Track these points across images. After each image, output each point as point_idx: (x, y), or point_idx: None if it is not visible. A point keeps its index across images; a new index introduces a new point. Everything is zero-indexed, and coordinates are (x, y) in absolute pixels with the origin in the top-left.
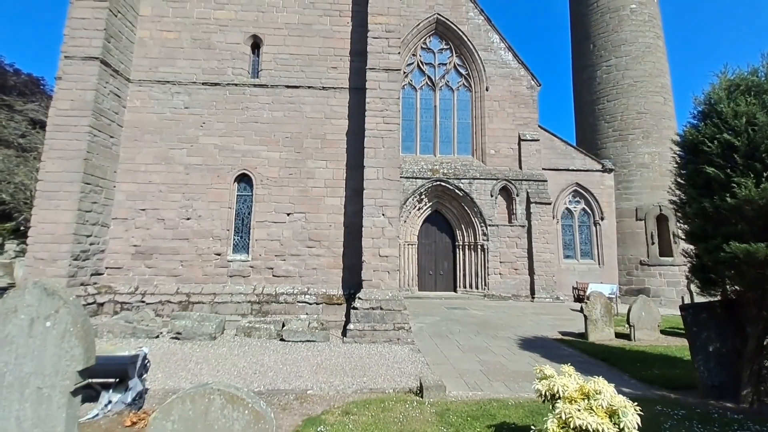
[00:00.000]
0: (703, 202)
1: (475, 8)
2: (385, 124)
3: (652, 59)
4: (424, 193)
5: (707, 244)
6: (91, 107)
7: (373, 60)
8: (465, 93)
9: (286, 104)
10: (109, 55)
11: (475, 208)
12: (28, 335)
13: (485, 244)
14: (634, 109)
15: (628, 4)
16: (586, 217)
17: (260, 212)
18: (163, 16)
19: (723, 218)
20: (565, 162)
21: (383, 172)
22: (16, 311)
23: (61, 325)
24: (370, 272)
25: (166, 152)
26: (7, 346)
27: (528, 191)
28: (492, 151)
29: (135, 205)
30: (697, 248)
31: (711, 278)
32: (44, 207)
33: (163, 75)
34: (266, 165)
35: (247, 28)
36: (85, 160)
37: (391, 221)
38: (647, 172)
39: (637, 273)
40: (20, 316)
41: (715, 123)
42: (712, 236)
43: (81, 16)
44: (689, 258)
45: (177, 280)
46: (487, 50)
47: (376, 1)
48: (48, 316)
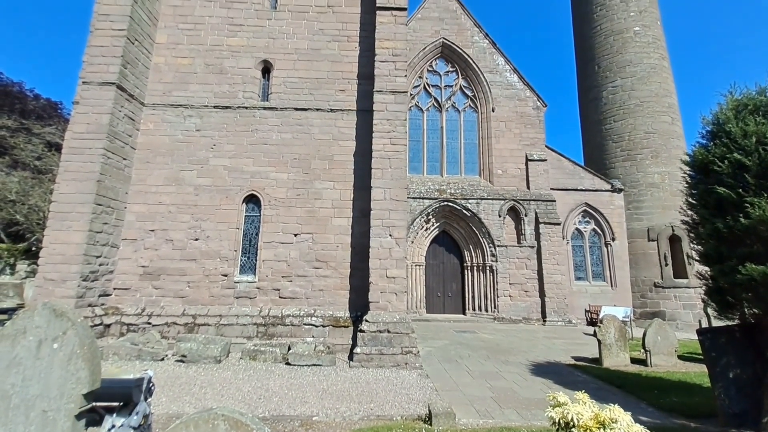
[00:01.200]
0: (716, 222)
1: (480, 32)
2: (392, 145)
3: (658, 80)
4: (432, 213)
5: (722, 265)
6: (106, 130)
7: (380, 83)
8: (471, 114)
9: (295, 126)
10: (125, 80)
11: (483, 228)
12: (36, 357)
13: (494, 265)
14: (641, 129)
15: (632, 26)
16: (596, 238)
17: (267, 233)
18: (178, 43)
19: (738, 239)
20: (573, 182)
21: (390, 193)
22: (25, 333)
23: (68, 347)
24: (378, 294)
25: (176, 174)
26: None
27: (536, 211)
28: (499, 171)
29: (144, 225)
30: (712, 270)
31: (728, 301)
32: (56, 228)
33: (177, 99)
34: (274, 186)
35: (258, 53)
36: (98, 182)
37: (399, 242)
38: (657, 192)
39: (652, 295)
40: (29, 338)
41: (724, 143)
42: (727, 258)
43: (100, 44)
44: (705, 280)
45: (183, 301)
46: (492, 72)
47: (382, 28)
48: (56, 338)
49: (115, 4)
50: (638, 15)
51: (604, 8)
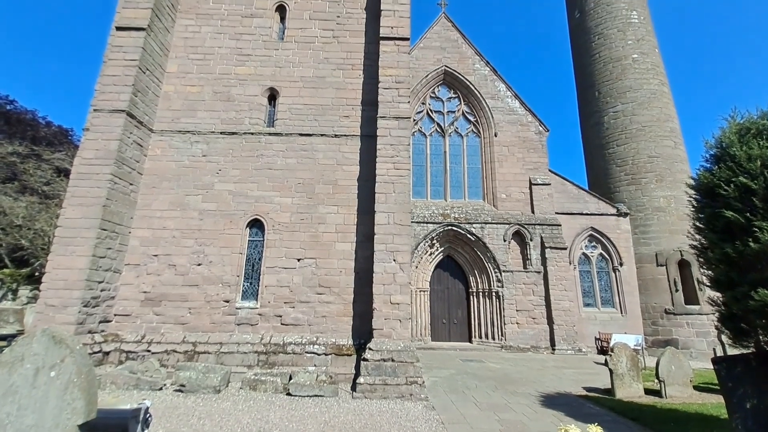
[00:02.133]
0: (725, 247)
1: (481, 60)
2: (395, 170)
3: (659, 105)
4: (436, 238)
5: (734, 291)
6: (114, 156)
7: (383, 109)
8: (474, 139)
9: (299, 151)
10: (135, 107)
11: (488, 253)
12: (32, 386)
13: (500, 291)
14: (644, 153)
15: (630, 54)
16: (604, 263)
17: (271, 257)
18: (188, 72)
19: (748, 264)
20: (578, 206)
21: (394, 217)
22: (23, 360)
23: (65, 376)
24: (381, 320)
25: (182, 198)
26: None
27: (542, 236)
28: (503, 196)
29: (148, 251)
30: (724, 296)
31: (742, 328)
32: (60, 253)
33: (184, 125)
34: (278, 210)
35: (264, 81)
36: (103, 207)
37: (403, 267)
38: (664, 216)
39: (663, 322)
40: (26, 366)
41: (729, 166)
42: (739, 283)
43: (112, 74)
44: (717, 306)
45: (184, 328)
46: (494, 98)
47: (386, 56)
48: (53, 366)
49: (128, 37)
50: (636, 43)
51: (602, 37)
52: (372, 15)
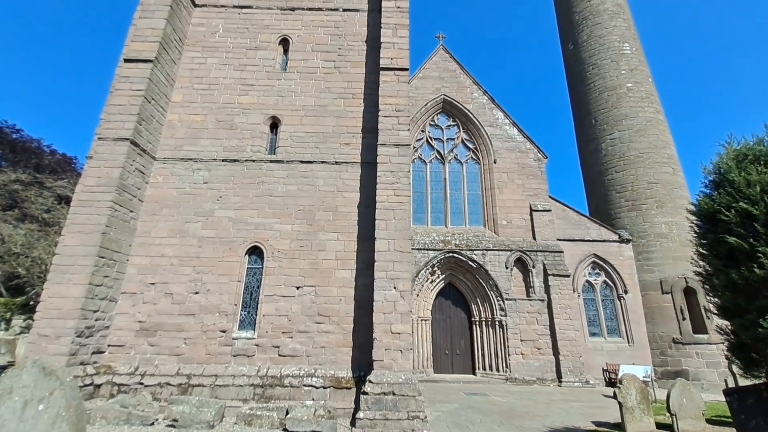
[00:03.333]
0: (730, 273)
1: (479, 89)
2: (396, 197)
3: (655, 132)
4: (437, 265)
5: (742, 319)
6: (116, 184)
7: (383, 136)
8: (474, 165)
9: (300, 178)
10: (139, 136)
11: (490, 280)
12: (20, 419)
13: (503, 320)
14: (644, 179)
15: (624, 83)
16: (608, 291)
17: (269, 285)
18: (193, 101)
19: (754, 291)
20: (579, 232)
21: (394, 244)
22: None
23: (53, 409)
24: (382, 351)
25: (181, 226)
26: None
27: (544, 263)
28: (504, 222)
29: (145, 279)
30: (732, 324)
31: (752, 358)
32: (57, 281)
33: (187, 153)
34: (278, 237)
35: (267, 110)
36: (103, 234)
37: (403, 295)
38: (666, 242)
39: (672, 352)
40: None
41: (728, 192)
42: (747, 310)
43: (118, 103)
44: (726, 335)
45: (179, 359)
46: (492, 126)
47: (386, 86)
48: (42, 399)
49: (136, 68)
50: (629, 73)
51: (596, 67)
52: (372, 47)
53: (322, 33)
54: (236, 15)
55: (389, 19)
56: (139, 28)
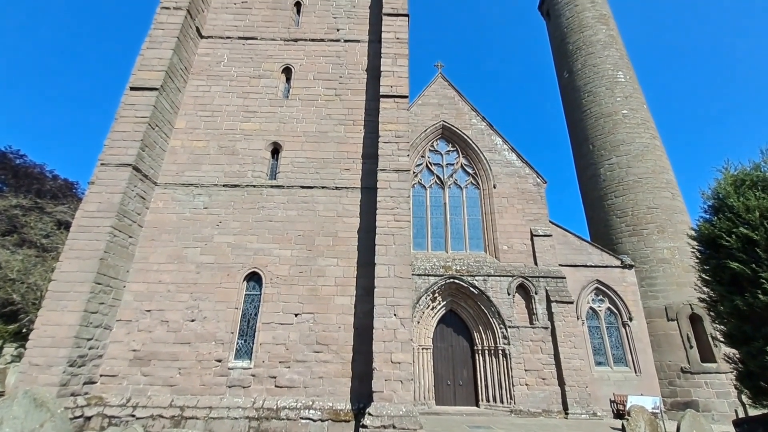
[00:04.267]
0: (734, 300)
1: (477, 116)
2: (395, 222)
3: (652, 157)
4: (438, 291)
5: (749, 347)
6: (116, 209)
7: (383, 162)
8: (473, 190)
9: (300, 203)
10: (142, 162)
11: (492, 307)
12: None
13: (506, 349)
14: (643, 204)
15: (620, 110)
16: (612, 318)
17: (267, 313)
18: (196, 128)
19: (760, 317)
20: (581, 258)
21: (394, 270)
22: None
23: None
24: (382, 382)
25: (180, 251)
26: None
27: (547, 289)
28: (505, 247)
29: (141, 306)
30: (740, 352)
31: (761, 387)
32: (51, 308)
33: (188, 178)
34: (277, 263)
35: (269, 136)
36: (100, 260)
37: (404, 322)
38: (669, 267)
39: (680, 382)
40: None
41: (728, 217)
42: (753, 338)
43: (123, 130)
44: (734, 364)
45: (172, 390)
46: (491, 151)
47: (386, 113)
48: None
49: (141, 96)
50: (624, 100)
51: (591, 95)
52: (372, 75)
53: (324, 62)
54: (241, 45)
55: (389, 49)
56: (146, 57)
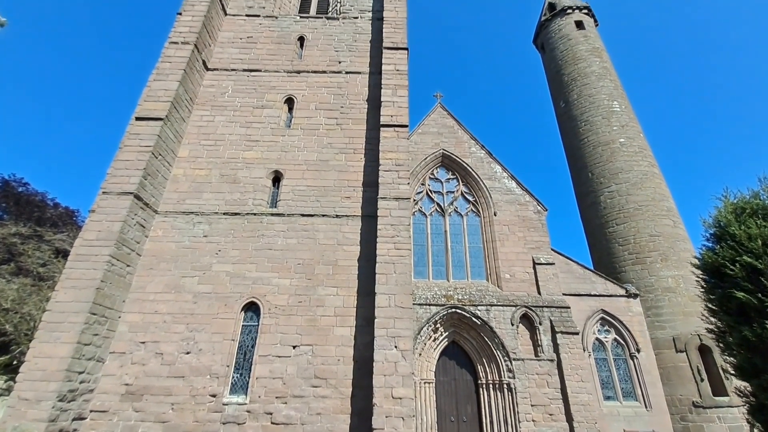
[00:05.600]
0: (742, 330)
1: (476, 144)
2: (396, 250)
3: (652, 185)
4: (440, 321)
5: (760, 380)
6: (115, 237)
7: (384, 190)
8: (474, 218)
9: (301, 231)
10: (143, 190)
11: (495, 338)
12: None
13: (511, 383)
14: (645, 232)
15: (617, 138)
16: (620, 349)
17: (264, 344)
18: (198, 156)
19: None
20: (585, 287)
21: (395, 299)
22: None
23: None
24: (382, 419)
25: (177, 280)
26: None
27: (551, 319)
28: (507, 276)
29: (136, 337)
30: (751, 385)
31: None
32: (44, 339)
33: (189, 206)
34: (276, 293)
35: (270, 165)
36: (97, 290)
37: (405, 355)
38: (675, 297)
39: (693, 417)
40: None
41: (730, 245)
42: (763, 370)
43: (126, 158)
44: (745, 397)
45: (164, 427)
46: (491, 179)
47: (386, 142)
48: None
49: (146, 125)
50: (621, 129)
51: (588, 124)
52: (373, 105)
53: (326, 93)
54: (245, 77)
55: (389, 80)
56: (152, 89)
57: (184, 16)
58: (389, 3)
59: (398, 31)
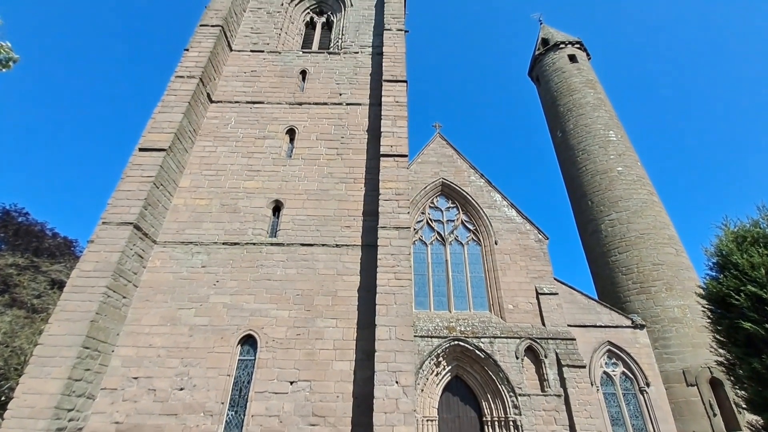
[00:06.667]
0: (752, 362)
1: (476, 173)
2: (396, 280)
3: (652, 213)
4: (442, 354)
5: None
6: (113, 268)
7: (384, 219)
8: (475, 247)
9: (300, 261)
10: (143, 220)
11: (500, 373)
12: None
13: (518, 420)
14: (648, 261)
15: (614, 167)
16: (629, 383)
17: (261, 380)
18: (199, 186)
19: None
20: (590, 317)
21: (396, 331)
22: None
23: None
24: None
25: (174, 312)
26: None
27: (557, 351)
28: (510, 306)
29: (129, 372)
30: (762, 419)
31: None
32: (34, 374)
33: (188, 236)
34: (274, 325)
35: (271, 194)
36: (91, 322)
37: (406, 391)
38: (682, 327)
39: None
40: None
41: (734, 274)
42: None
43: (127, 189)
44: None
45: None
46: (491, 207)
47: (386, 171)
48: None
49: (149, 156)
50: (618, 158)
51: (586, 152)
52: (373, 135)
53: (327, 123)
54: (248, 109)
55: (389, 111)
56: (157, 121)
57: (190, 51)
58: (389, 39)
59: (397, 64)
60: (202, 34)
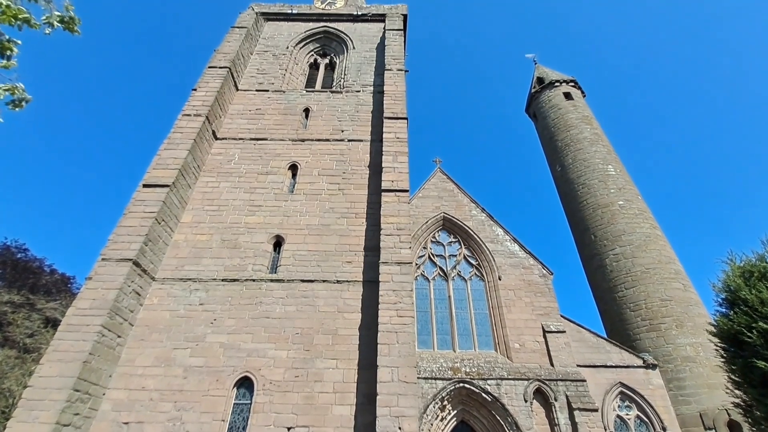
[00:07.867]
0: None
1: (477, 207)
2: (399, 317)
3: (656, 247)
4: (447, 398)
5: None
6: (109, 306)
7: (385, 254)
8: (478, 282)
9: (300, 298)
10: (143, 256)
11: (508, 417)
12: None
13: None
14: (656, 297)
15: (615, 201)
16: (644, 428)
17: (257, 426)
18: (201, 222)
19: None
20: (600, 357)
21: (398, 373)
22: None
23: None
24: None
25: (168, 353)
26: None
27: (567, 394)
28: (516, 345)
29: (119, 417)
30: None
31: None
32: (21, 419)
33: (187, 273)
34: (271, 366)
35: (272, 229)
36: (84, 363)
37: None
38: (696, 367)
39: None
40: None
41: (744, 311)
42: None
43: (129, 225)
44: None
45: None
46: (493, 242)
47: (387, 206)
48: None
49: (152, 192)
50: (618, 191)
51: (586, 186)
52: (374, 171)
53: (328, 159)
54: (252, 145)
55: (390, 147)
56: (162, 157)
57: (198, 91)
58: (389, 78)
59: (398, 102)
60: (210, 75)
